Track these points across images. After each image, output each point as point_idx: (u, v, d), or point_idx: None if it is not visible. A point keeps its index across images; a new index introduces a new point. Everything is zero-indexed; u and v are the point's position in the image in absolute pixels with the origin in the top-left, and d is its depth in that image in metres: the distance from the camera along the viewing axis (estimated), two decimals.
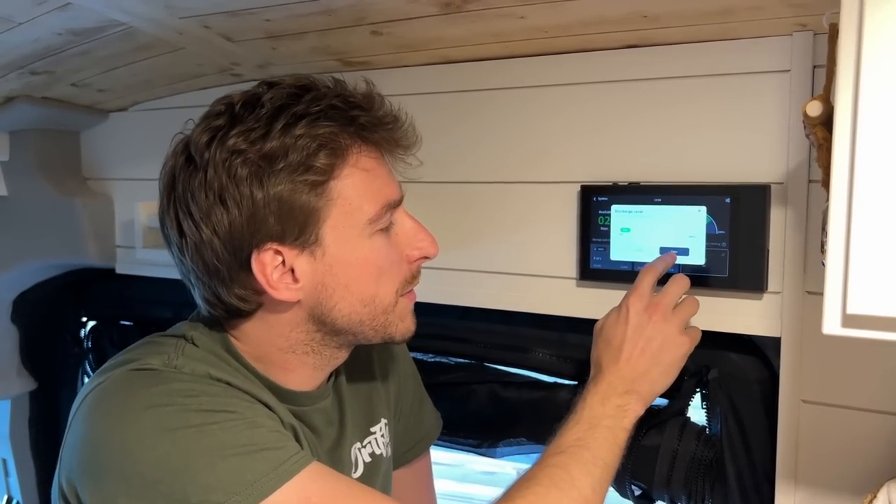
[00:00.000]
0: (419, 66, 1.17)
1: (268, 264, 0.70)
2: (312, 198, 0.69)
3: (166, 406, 0.64)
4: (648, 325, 0.83)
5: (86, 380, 1.72)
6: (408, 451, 1.02)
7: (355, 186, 0.71)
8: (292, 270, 0.71)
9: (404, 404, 1.00)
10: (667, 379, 0.85)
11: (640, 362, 0.82)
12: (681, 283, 0.87)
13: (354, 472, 0.85)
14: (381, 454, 0.89)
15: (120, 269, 1.48)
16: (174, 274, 1.41)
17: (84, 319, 1.70)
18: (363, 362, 0.93)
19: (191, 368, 0.69)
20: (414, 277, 0.78)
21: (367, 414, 0.90)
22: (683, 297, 0.90)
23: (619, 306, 0.87)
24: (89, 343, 1.69)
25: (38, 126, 1.41)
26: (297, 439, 0.75)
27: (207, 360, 0.72)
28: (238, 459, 0.62)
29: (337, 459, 0.82)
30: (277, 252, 0.70)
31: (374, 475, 0.87)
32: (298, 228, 0.69)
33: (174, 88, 1.35)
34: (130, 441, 0.63)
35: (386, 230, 0.75)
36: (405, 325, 0.78)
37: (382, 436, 0.90)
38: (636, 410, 0.81)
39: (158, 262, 1.39)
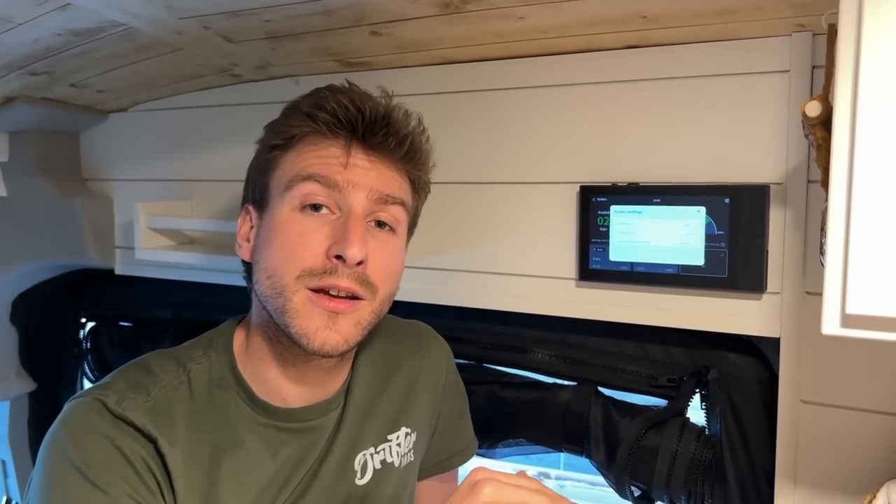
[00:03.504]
0: (419, 67, 1.17)
1: (243, 222, 0.82)
2: (267, 159, 0.79)
3: (65, 454, 0.67)
4: None
5: (85, 381, 1.72)
6: (440, 462, 1.01)
7: (292, 158, 0.77)
8: (252, 229, 0.81)
9: (443, 413, 0.99)
10: None
11: None
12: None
13: (361, 479, 0.84)
14: (393, 463, 0.88)
15: (119, 270, 1.49)
16: (173, 275, 1.43)
17: (83, 320, 1.71)
18: (398, 371, 0.92)
19: (140, 419, 0.70)
20: (324, 272, 0.72)
21: (388, 421, 0.89)
22: None
23: None
24: (88, 344, 1.69)
25: (37, 127, 1.41)
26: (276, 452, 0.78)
27: (175, 408, 0.73)
28: None
29: (341, 468, 0.82)
30: (248, 211, 0.82)
31: (383, 484, 0.86)
32: (259, 191, 0.80)
33: (174, 89, 1.35)
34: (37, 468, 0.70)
35: (312, 210, 0.74)
36: (304, 325, 0.72)
37: (398, 444, 0.89)
38: None
39: (158, 263, 1.39)
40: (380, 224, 0.78)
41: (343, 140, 0.76)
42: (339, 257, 0.72)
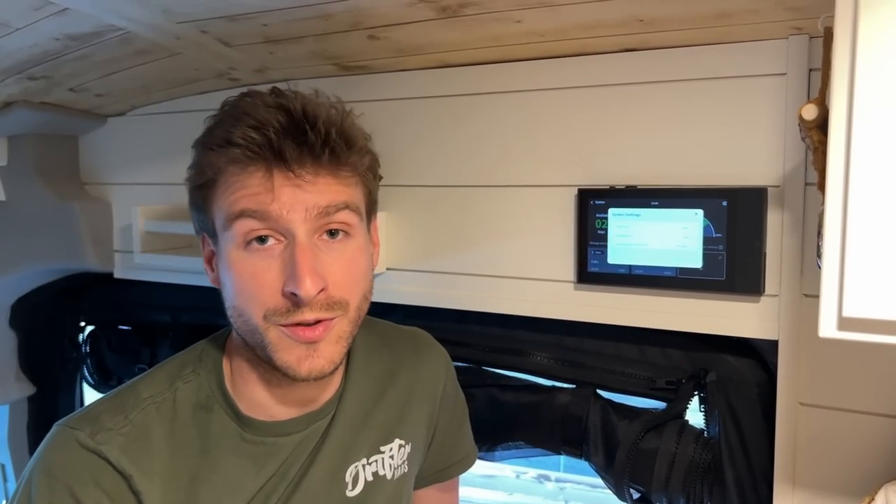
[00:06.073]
0: (416, 70, 1.17)
1: (204, 245, 0.80)
2: (198, 198, 0.76)
3: (34, 485, 0.70)
4: None
5: (84, 385, 1.72)
6: (439, 472, 1.00)
7: (220, 194, 0.73)
8: (214, 255, 0.79)
9: (440, 423, 0.97)
10: None
11: None
12: None
13: (351, 490, 0.83)
14: (385, 475, 0.87)
15: (118, 274, 1.49)
16: (172, 278, 1.43)
17: (82, 324, 1.70)
18: (394, 380, 0.91)
19: (115, 455, 0.70)
20: (287, 311, 0.70)
21: (382, 432, 0.87)
22: None
23: None
24: (87, 348, 1.69)
25: (36, 131, 1.41)
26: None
27: (153, 431, 0.74)
28: None
29: (330, 479, 0.82)
30: (204, 238, 0.80)
31: (374, 496, 0.86)
32: (204, 224, 0.77)
33: (172, 93, 1.35)
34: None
35: (258, 243, 0.70)
36: (285, 359, 0.71)
37: (391, 457, 0.88)
38: None
39: (156, 267, 1.39)
40: (332, 233, 0.73)
41: (262, 165, 0.70)
42: (294, 294, 0.69)
